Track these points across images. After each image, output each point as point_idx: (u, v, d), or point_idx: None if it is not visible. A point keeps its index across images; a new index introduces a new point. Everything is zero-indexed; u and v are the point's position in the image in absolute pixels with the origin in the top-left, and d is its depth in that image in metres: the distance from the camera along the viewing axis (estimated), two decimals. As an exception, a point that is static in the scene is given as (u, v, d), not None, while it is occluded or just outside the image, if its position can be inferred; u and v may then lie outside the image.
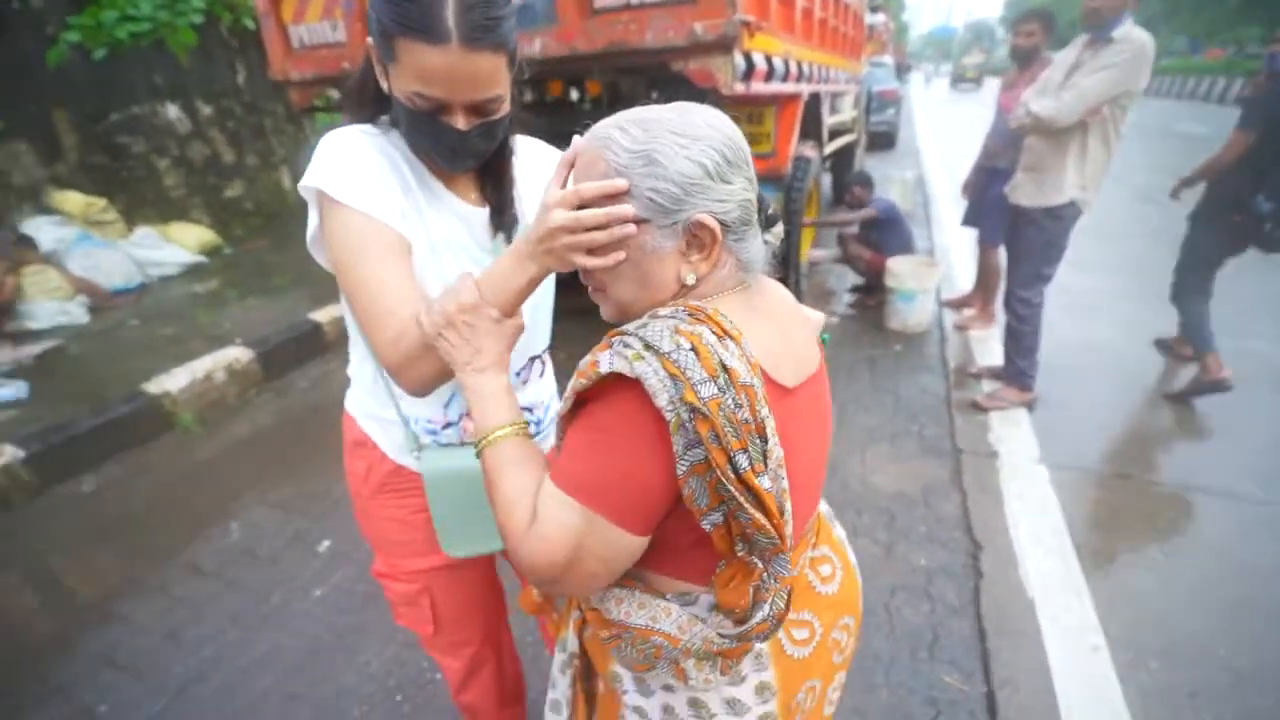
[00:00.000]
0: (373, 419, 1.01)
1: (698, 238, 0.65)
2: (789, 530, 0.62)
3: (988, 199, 3.69)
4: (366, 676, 1.78)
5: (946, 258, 5.15)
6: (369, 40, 0.81)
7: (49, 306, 3.95)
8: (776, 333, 0.70)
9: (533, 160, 1.00)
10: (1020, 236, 2.76)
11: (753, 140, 3.41)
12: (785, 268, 3.82)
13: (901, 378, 3.32)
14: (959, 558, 2.09)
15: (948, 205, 6.85)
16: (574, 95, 4.09)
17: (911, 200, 6.69)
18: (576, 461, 0.63)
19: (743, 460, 0.58)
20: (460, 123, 0.78)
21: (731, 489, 0.58)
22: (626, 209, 0.64)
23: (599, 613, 0.72)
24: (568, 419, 0.67)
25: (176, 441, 3.06)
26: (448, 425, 1.00)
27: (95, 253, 4.44)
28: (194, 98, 5.29)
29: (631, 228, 0.64)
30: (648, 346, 0.59)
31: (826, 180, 7.20)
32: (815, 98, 4.27)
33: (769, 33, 2.90)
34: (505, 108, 0.82)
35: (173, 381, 3.18)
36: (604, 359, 0.61)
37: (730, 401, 0.58)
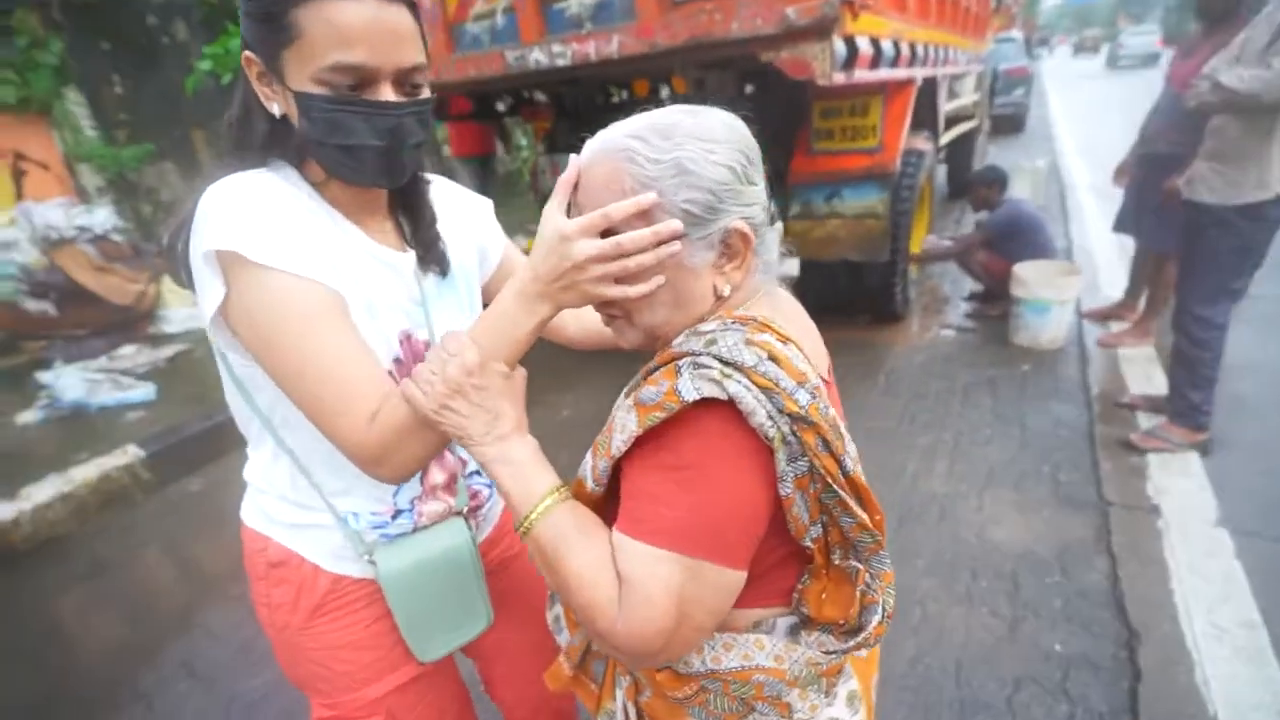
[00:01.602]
0: (296, 530, 0.83)
1: (731, 246, 0.61)
2: None
3: (1148, 194, 3.08)
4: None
5: (1089, 260, 4.44)
6: (245, 55, 0.68)
7: (182, 312, 4.35)
8: (802, 328, 0.67)
9: (444, 198, 0.88)
10: (1201, 240, 2.22)
11: (856, 134, 3.06)
12: (892, 274, 3.42)
13: (1030, 406, 2.84)
14: (1107, 647, 1.68)
15: (1089, 197, 5.98)
16: (664, 94, 3.91)
17: (1043, 193, 5.91)
18: (665, 507, 0.55)
19: (849, 461, 0.57)
20: (390, 94, 0.66)
21: (842, 493, 0.56)
22: (675, 224, 0.58)
23: (671, 672, 0.64)
24: (624, 462, 0.59)
25: (274, 445, 3.22)
26: (398, 514, 0.84)
27: (222, 262, 4.86)
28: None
29: (677, 245, 0.58)
30: (727, 364, 0.55)
31: (941, 172, 6.53)
32: (930, 83, 3.81)
33: (876, 12, 2.56)
34: (428, 91, 0.71)
35: (273, 387, 3.36)
36: (684, 386, 0.54)
37: (821, 404, 0.55)
